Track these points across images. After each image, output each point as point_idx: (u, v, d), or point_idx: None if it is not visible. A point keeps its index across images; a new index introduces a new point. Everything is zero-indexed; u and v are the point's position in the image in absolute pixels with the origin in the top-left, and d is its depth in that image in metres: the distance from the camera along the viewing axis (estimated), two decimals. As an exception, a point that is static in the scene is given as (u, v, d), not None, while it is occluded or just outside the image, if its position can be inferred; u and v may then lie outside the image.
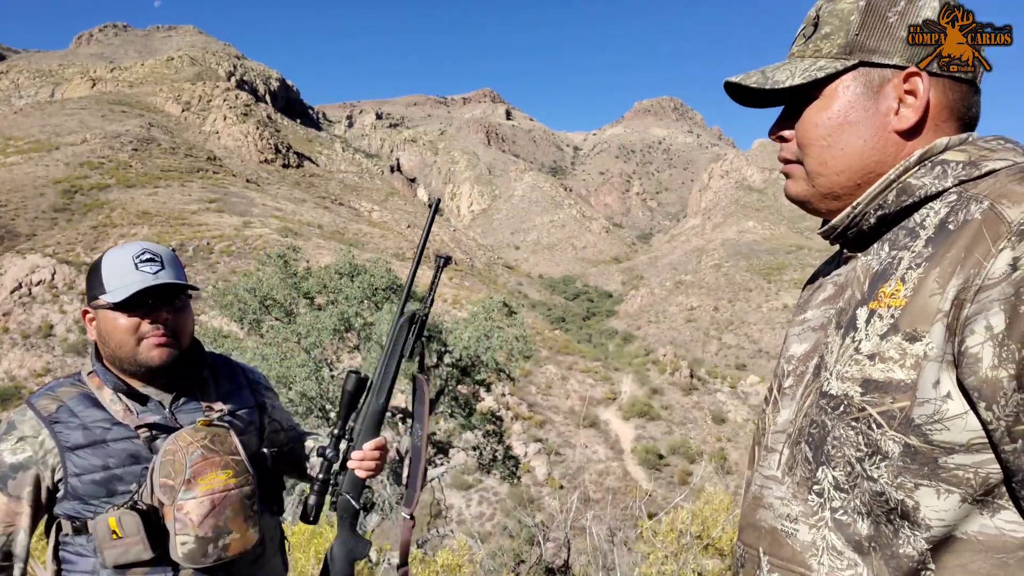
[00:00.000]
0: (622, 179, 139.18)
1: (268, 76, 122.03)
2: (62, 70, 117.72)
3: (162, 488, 0.95)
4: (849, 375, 0.52)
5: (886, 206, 0.55)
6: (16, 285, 34.82)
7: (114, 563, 0.93)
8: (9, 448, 0.95)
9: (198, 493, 0.95)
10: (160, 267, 0.99)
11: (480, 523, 18.92)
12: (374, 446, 1.02)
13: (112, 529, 0.92)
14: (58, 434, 0.95)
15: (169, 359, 0.99)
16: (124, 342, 0.98)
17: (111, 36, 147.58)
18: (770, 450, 0.60)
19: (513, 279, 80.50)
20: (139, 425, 0.98)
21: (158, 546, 0.94)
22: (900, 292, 0.51)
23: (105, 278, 0.98)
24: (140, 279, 0.97)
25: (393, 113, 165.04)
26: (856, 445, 0.51)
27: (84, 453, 0.95)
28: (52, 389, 1.01)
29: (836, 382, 0.53)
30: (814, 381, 0.57)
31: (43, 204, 47.41)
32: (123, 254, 1.00)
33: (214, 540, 0.95)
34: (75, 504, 0.96)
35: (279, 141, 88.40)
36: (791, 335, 0.64)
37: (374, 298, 8.70)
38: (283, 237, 40.71)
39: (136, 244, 1.02)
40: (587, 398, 30.74)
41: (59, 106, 79.79)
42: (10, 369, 30.42)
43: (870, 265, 0.56)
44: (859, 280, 0.57)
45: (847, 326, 0.55)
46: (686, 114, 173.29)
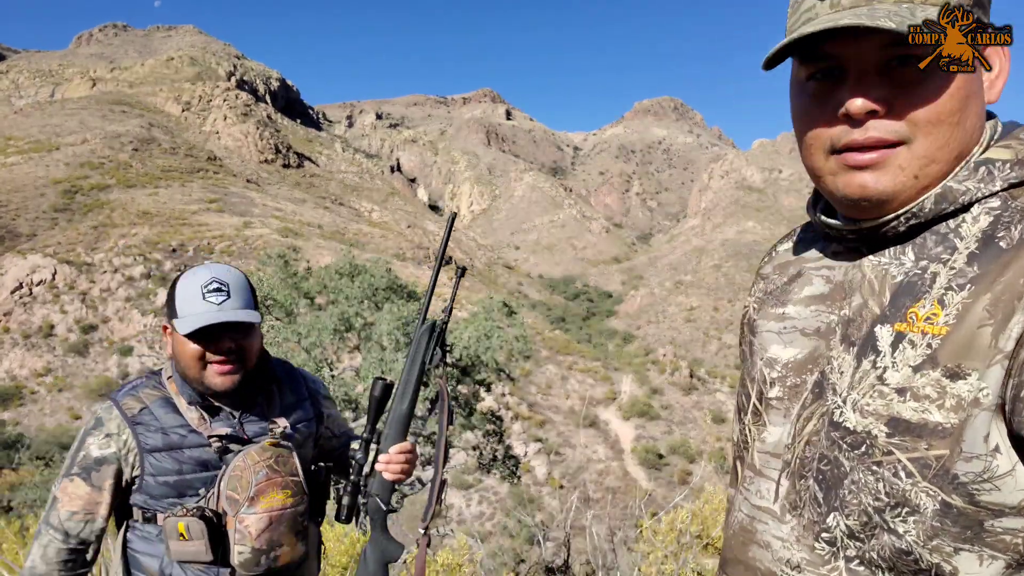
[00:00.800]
0: (622, 179, 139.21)
1: (268, 76, 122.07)
2: (62, 70, 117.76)
3: (228, 500, 1.03)
4: (872, 409, 0.45)
5: (921, 214, 0.46)
6: (17, 285, 34.83)
7: (177, 559, 1.02)
8: (96, 443, 1.03)
9: (259, 510, 1.03)
10: (226, 296, 1.03)
11: (480, 523, 18.93)
12: (399, 450, 1.05)
13: (180, 532, 1.00)
14: (140, 435, 1.03)
15: (233, 385, 1.04)
16: (191, 366, 1.04)
17: (111, 36, 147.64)
18: (760, 474, 0.53)
19: (513, 279, 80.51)
20: (212, 435, 1.04)
21: (218, 550, 1.01)
22: (939, 318, 0.43)
23: (178, 304, 1.04)
24: (205, 311, 1.01)
25: (393, 113, 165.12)
26: (876, 493, 0.44)
27: (161, 456, 1.02)
28: (136, 389, 1.08)
29: (854, 414, 0.46)
30: (816, 403, 0.49)
31: (44, 204, 47.43)
32: (194, 282, 1.03)
33: (267, 552, 1.04)
34: (146, 498, 1.04)
35: (279, 141, 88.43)
36: (765, 331, 0.55)
37: (374, 298, 8.71)
38: (283, 237, 40.73)
39: (207, 271, 1.05)
40: (587, 398, 30.75)
41: (59, 106, 79.82)
42: (11, 369, 30.44)
43: (887, 271, 0.48)
44: (872, 287, 0.48)
45: (863, 345, 0.47)
46: (686, 114, 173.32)
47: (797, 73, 0.49)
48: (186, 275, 1.06)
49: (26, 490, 11.94)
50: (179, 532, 1.00)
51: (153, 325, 33.91)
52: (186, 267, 1.12)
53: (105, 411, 1.06)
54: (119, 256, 38.95)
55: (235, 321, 1.02)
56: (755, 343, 0.56)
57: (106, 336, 33.84)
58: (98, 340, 33.46)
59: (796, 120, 0.50)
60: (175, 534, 1.00)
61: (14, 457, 20.52)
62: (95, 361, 31.81)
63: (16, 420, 26.84)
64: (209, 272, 1.05)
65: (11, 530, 3.91)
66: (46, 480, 11.80)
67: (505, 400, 26.20)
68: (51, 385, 29.81)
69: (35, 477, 14.25)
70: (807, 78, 0.48)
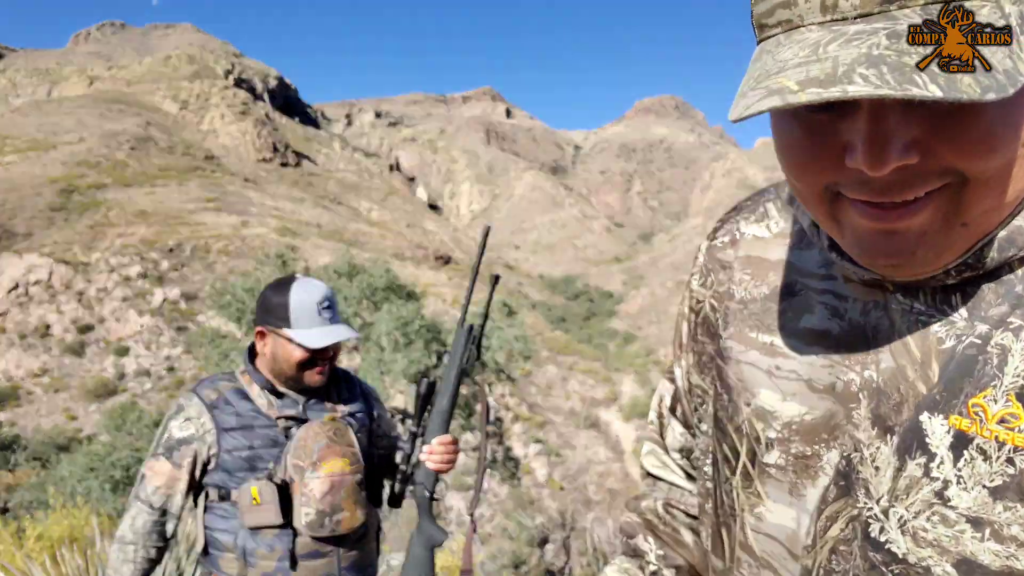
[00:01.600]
0: (623, 178, 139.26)
1: (266, 74, 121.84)
2: (59, 69, 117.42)
3: (293, 467, 1.16)
4: (932, 539, 0.35)
5: (979, 265, 0.35)
6: (13, 285, 34.70)
7: (251, 525, 1.15)
8: (178, 426, 1.19)
9: (321, 474, 1.15)
10: (333, 313, 1.22)
11: (480, 524, 18.90)
12: (440, 441, 1.17)
13: (253, 496, 1.14)
14: (217, 417, 1.18)
15: (324, 382, 1.24)
16: (293, 368, 1.21)
17: (108, 34, 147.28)
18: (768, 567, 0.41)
19: (513, 279, 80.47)
20: (279, 416, 1.20)
21: (286, 514, 1.14)
22: (1020, 421, 0.33)
23: (293, 316, 1.20)
24: (322, 328, 1.20)
25: (392, 112, 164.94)
26: None
27: (235, 434, 1.17)
28: (213, 382, 1.24)
29: (903, 538, 0.35)
30: (841, 500, 0.38)
31: (40, 203, 47.26)
32: (309, 297, 1.21)
33: (330, 514, 1.17)
34: (222, 476, 1.18)
35: (277, 140, 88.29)
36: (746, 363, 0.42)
37: (373, 298, 8.67)
38: (281, 236, 40.64)
39: (317, 288, 1.23)
40: (587, 399, 30.76)
41: (56, 105, 79.57)
42: (7, 369, 30.32)
43: (929, 331, 0.36)
44: (907, 347, 0.37)
45: (906, 439, 0.36)
46: (688, 113, 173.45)
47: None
48: (298, 287, 1.22)
49: (22, 491, 11.87)
50: (252, 497, 1.13)
51: (150, 325, 33.81)
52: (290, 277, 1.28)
53: (186, 399, 1.22)
54: (116, 256, 38.82)
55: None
56: (728, 374, 0.43)
57: (103, 336, 33.73)
58: (94, 340, 33.35)
59: (783, 152, 0.36)
60: (249, 500, 1.14)
61: (10, 458, 20.43)
62: (91, 361, 31.70)
63: (12, 421, 26.73)
64: (321, 290, 1.23)
65: (8, 531, 3.87)
66: (42, 481, 11.73)
67: (505, 401, 26.17)
68: (47, 385, 29.71)
69: (31, 478, 14.18)
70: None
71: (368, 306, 8.66)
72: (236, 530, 1.16)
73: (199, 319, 32.35)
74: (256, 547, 1.15)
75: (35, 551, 3.17)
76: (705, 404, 0.46)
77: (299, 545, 1.15)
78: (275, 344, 1.21)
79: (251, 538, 1.15)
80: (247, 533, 1.15)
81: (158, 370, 30.95)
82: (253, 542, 1.15)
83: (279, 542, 1.15)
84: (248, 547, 1.15)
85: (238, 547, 1.15)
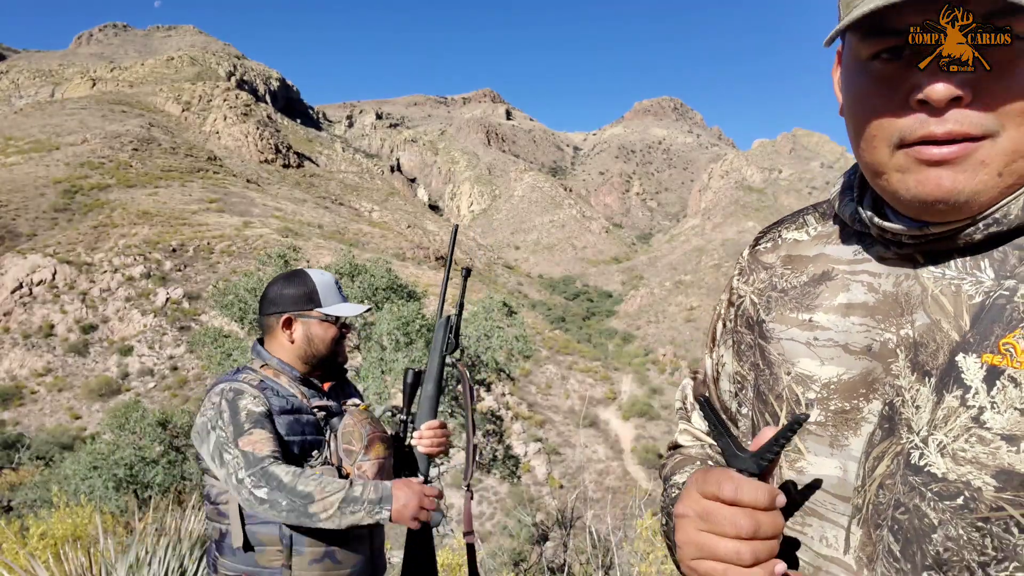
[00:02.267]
0: (622, 179, 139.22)
1: (268, 76, 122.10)
2: (62, 70, 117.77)
3: (344, 452, 1.20)
4: (971, 457, 0.39)
5: (1005, 221, 0.41)
6: (17, 285, 34.83)
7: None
8: (250, 403, 1.16)
9: (372, 457, 1.20)
10: (342, 292, 1.31)
11: (480, 523, 18.94)
12: (429, 426, 1.24)
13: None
14: (269, 399, 1.18)
15: (347, 359, 1.34)
16: (329, 345, 1.27)
17: (111, 36, 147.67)
18: (818, 516, 0.45)
19: (513, 279, 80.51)
20: (316, 405, 1.23)
21: None
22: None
23: (321, 296, 1.27)
24: (346, 304, 1.30)
25: (393, 113, 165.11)
26: (982, 549, 0.39)
27: (286, 418, 1.18)
28: (237, 375, 1.22)
29: (942, 459, 0.40)
30: (887, 440, 0.43)
31: (44, 204, 47.43)
32: (326, 279, 1.29)
33: None
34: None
35: (279, 141, 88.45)
36: (787, 339, 0.48)
37: (374, 298, 8.71)
38: (283, 237, 40.73)
39: (325, 273, 1.31)
40: (587, 398, 30.77)
41: (59, 106, 79.81)
42: (11, 368, 30.43)
43: (959, 288, 0.42)
44: (940, 304, 0.42)
45: (943, 377, 0.41)
46: (686, 114, 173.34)
47: (856, 51, 0.42)
48: (314, 273, 1.29)
49: (26, 490, 11.93)
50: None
51: (153, 325, 33.91)
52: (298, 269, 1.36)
53: (232, 382, 1.18)
54: (119, 256, 38.95)
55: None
56: (770, 351, 0.49)
57: (106, 336, 33.84)
58: (98, 340, 33.46)
59: (855, 106, 0.42)
60: None
61: (14, 457, 20.51)
62: (95, 361, 31.81)
63: (16, 420, 26.84)
64: (327, 273, 1.31)
65: (11, 529, 3.92)
66: (46, 480, 11.79)
67: (505, 400, 26.22)
68: (51, 385, 29.82)
69: (35, 477, 14.25)
70: (871, 57, 0.41)
71: (369, 306, 8.71)
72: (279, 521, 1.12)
73: (202, 319, 32.44)
74: (305, 535, 1.12)
75: (39, 549, 3.20)
76: (744, 389, 0.51)
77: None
78: (307, 327, 1.25)
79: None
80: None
81: (161, 369, 31.05)
82: (301, 530, 1.12)
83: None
84: (296, 536, 1.12)
85: (283, 536, 1.12)
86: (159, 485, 6.83)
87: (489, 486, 21.29)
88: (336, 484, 1.08)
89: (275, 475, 1.08)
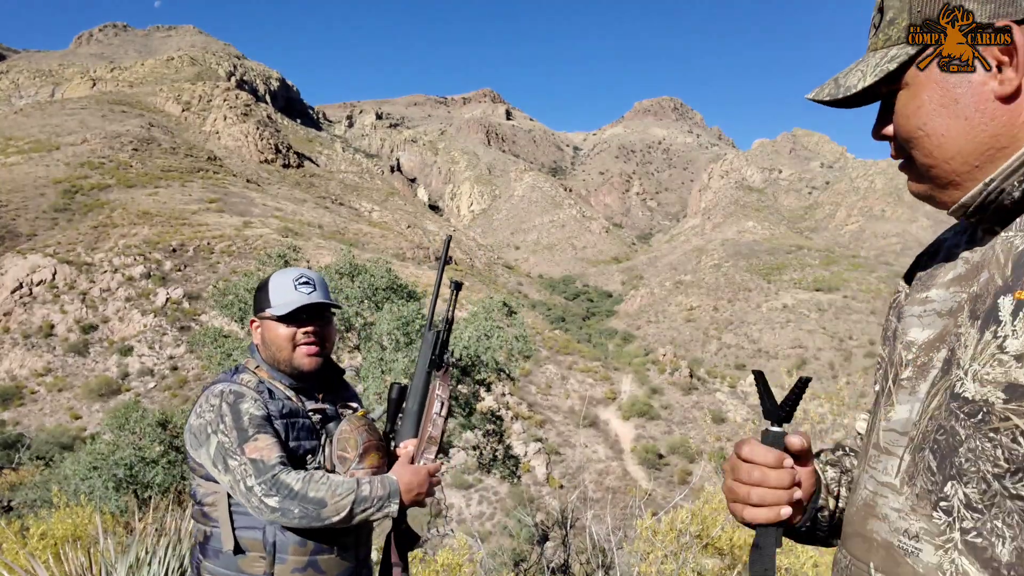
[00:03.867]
0: (622, 179, 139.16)
1: (268, 76, 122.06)
2: (62, 70, 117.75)
3: (338, 458, 1.16)
4: (990, 377, 0.45)
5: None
6: (17, 285, 34.83)
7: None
8: (251, 406, 1.14)
9: (366, 466, 1.17)
10: (313, 289, 1.22)
11: (480, 522, 18.94)
12: (409, 443, 1.22)
13: None
14: (267, 403, 1.17)
15: (317, 366, 1.22)
16: (283, 347, 1.20)
17: (111, 36, 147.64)
18: (886, 452, 0.53)
19: (513, 279, 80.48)
20: (311, 409, 1.21)
21: None
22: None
23: (271, 296, 1.21)
24: (298, 298, 1.20)
25: (393, 113, 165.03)
26: (995, 460, 0.45)
27: (282, 422, 1.17)
28: (236, 373, 1.22)
29: (973, 384, 0.47)
30: (942, 379, 0.50)
31: (44, 204, 47.43)
32: (285, 277, 1.23)
33: None
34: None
35: (279, 141, 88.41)
36: (909, 315, 0.56)
37: (374, 298, 8.71)
38: (283, 237, 40.71)
39: (295, 269, 1.26)
40: (587, 398, 30.76)
41: (59, 106, 79.80)
42: (11, 369, 30.43)
43: (1012, 243, 0.49)
44: (999, 260, 0.49)
45: (986, 317, 0.47)
46: (686, 114, 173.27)
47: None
48: (275, 275, 1.24)
49: (26, 490, 11.92)
50: None
51: (153, 325, 33.90)
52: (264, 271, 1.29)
53: (230, 384, 1.17)
54: (119, 256, 38.94)
55: (320, 305, 1.21)
56: (898, 328, 0.57)
57: (106, 336, 33.83)
58: (98, 340, 33.45)
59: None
60: None
61: (14, 457, 20.51)
62: (95, 361, 31.80)
63: (16, 420, 26.83)
64: (298, 270, 1.24)
65: (11, 530, 3.91)
66: (46, 480, 11.79)
67: (505, 400, 26.19)
68: (51, 385, 29.81)
69: (35, 477, 14.24)
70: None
71: (369, 306, 8.70)
72: (263, 526, 1.11)
73: (202, 319, 32.44)
74: (288, 542, 1.11)
75: (39, 549, 3.20)
76: (880, 369, 0.59)
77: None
78: (264, 329, 1.23)
79: (282, 533, 1.11)
80: (277, 528, 1.11)
81: (161, 369, 31.05)
82: (284, 536, 1.11)
83: (312, 535, 1.12)
84: (279, 542, 1.11)
85: (267, 543, 1.11)
86: (159, 485, 6.83)
87: (489, 486, 21.29)
88: (346, 486, 1.09)
89: (286, 484, 1.07)
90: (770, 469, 0.52)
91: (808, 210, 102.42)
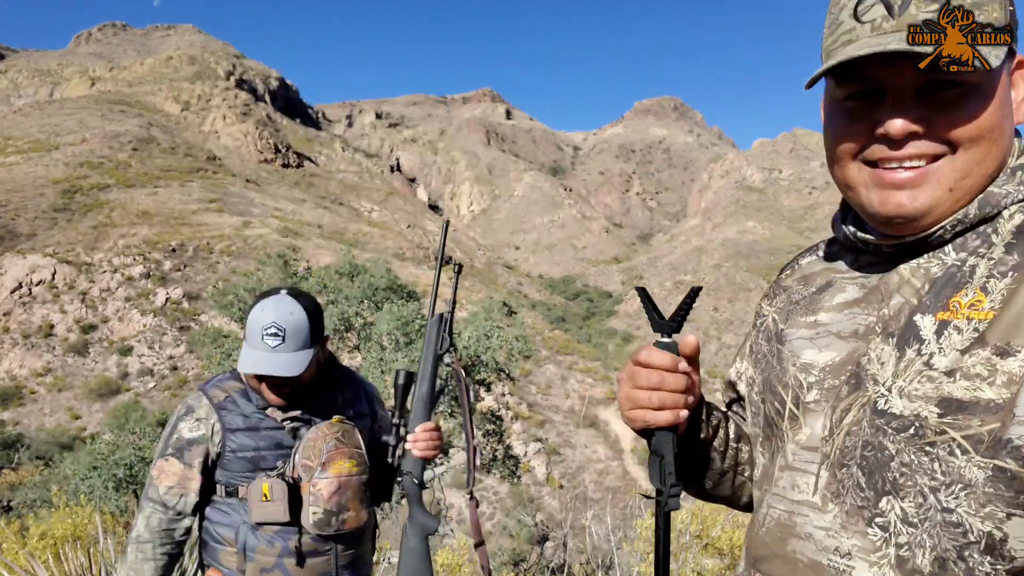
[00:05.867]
0: (622, 179, 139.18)
1: (267, 75, 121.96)
2: (61, 69, 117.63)
3: (303, 467, 1.17)
4: (920, 393, 0.46)
5: (967, 220, 0.49)
6: (16, 285, 34.80)
7: (258, 520, 1.16)
8: (188, 426, 1.19)
9: (330, 475, 1.16)
10: (281, 341, 1.15)
11: (481, 521, 18.89)
12: (423, 428, 1.19)
13: (263, 492, 1.14)
14: (224, 418, 1.19)
15: (284, 402, 1.20)
16: (251, 383, 1.21)
17: (110, 35, 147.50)
18: (796, 471, 0.53)
19: (513, 279, 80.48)
20: (284, 419, 1.21)
21: (294, 512, 1.16)
22: (983, 304, 0.46)
23: (246, 334, 1.19)
24: (259, 357, 1.15)
25: (393, 113, 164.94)
26: (931, 473, 0.45)
27: (241, 435, 1.19)
28: (221, 382, 1.24)
29: (900, 400, 0.47)
30: (853, 394, 0.50)
31: (43, 204, 47.39)
32: (258, 319, 1.16)
33: (337, 514, 1.17)
34: (226, 474, 1.20)
35: (279, 141, 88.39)
36: (796, 339, 0.57)
37: (374, 298, 8.71)
38: (283, 237, 40.70)
39: (271, 312, 1.16)
40: (587, 398, 30.78)
41: (58, 106, 79.73)
42: (11, 368, 30.42)
43: (928, 270, 0.50)
44: (912, 286, 0.50)
45: (904, 336, 0.48)
46: (686, 114, 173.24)
47: (833, 92, 0.51)
48: (257, 308, 1.18)
49: (26, 490, 11.92)
50: (263, 493, 1.14)
51: (153, 325, 33.89)
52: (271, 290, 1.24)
53: (195, 399, 1.22)
54: (119, 256, 38.92)
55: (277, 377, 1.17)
56: (783, 351, 0.57)
57: (106, 336, 33.81)
58: (98, 340, 33.43)
59: (830, 136, 0.52)
60: (258, 496, 1.14)
61: (14, 457, 20.50)
62: (95, 361, 31.78)
63: (16, 420, 26.81)
64: (271, 315, 1.16)
65: (11, 529, 3.91)
66: (46, 480, 11.78)
67: (505, 400, 26.15)
68: (51, 385, 29.79)
69: (35, 477, 14.23)
70: (844, 98, 0.50)
71: (369, 306, 8.70)
72: (237, 525, 1.17)
73: (202, 319, 32.44)
74: (257, 543, 1.16)
75: (39, 549, 3.21)
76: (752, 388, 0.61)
77: (302, 543, 1.17)
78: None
79: (252, 534, 1.16)
80: (248, 529, 1.16)
81: (161, 369, 31.03)
82: (254, 538, 1.16)
83: (280, 539, 1.16)
84: (249, 542, 1.16)
85: (239, 542, 1.17)
86: (159, 485, 6.79)
87: (489, 486, 21.30)
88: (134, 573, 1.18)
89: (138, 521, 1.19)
90: (667, 372, 0.53)
91: (808, 210, 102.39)
